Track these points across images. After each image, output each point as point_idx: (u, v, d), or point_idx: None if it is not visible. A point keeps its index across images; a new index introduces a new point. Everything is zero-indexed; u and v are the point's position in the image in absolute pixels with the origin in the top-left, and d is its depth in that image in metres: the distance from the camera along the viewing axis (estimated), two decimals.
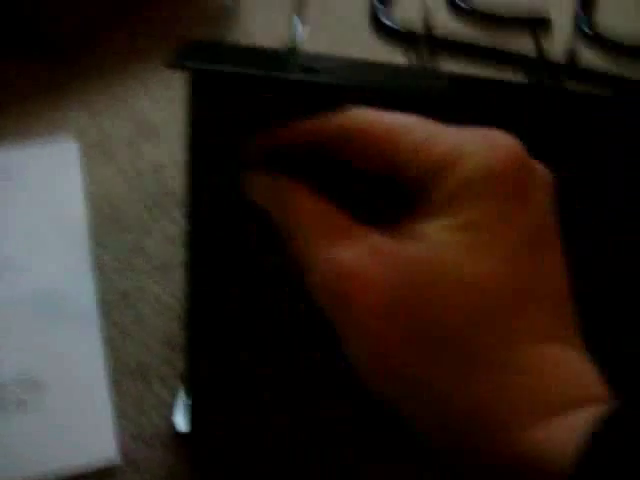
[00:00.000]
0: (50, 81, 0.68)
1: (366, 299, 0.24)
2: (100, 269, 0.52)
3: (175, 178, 0.60)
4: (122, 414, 0.44)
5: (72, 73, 0.69)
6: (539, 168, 0.26)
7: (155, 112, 0.67)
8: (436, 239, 0.24)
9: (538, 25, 0.65)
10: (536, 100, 0.35)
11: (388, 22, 0.71)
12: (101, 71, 0.71)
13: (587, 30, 0.64)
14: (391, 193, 0.27)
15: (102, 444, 0.43)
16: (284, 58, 0.37)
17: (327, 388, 0.41)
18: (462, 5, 0.68)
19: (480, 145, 0.24)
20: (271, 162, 0.30)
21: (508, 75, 0.64)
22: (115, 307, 0.50)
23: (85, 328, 0.48)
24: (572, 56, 0.59)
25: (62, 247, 0.52)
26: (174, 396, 0.45)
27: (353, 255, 0.25)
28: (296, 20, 0.53)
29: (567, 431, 0.21)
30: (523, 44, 0.66)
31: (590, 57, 0.65)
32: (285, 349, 0.41)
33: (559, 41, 0.64)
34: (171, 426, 0.44)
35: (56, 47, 0.71)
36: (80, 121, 0.64)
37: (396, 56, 0.69)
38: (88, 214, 0.55)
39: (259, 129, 0.31)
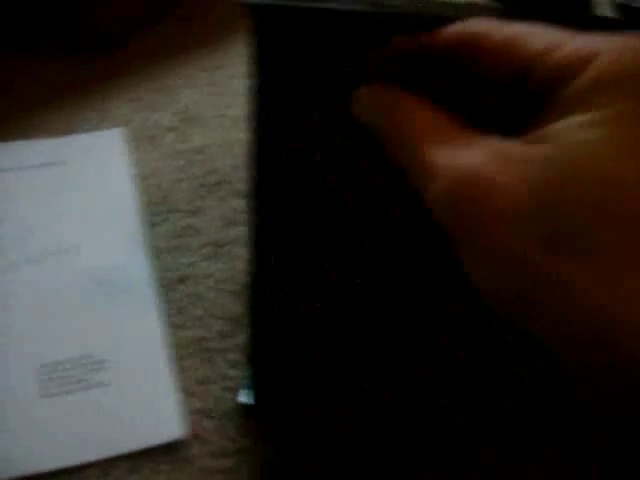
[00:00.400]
0: (95, 75, 0.69)
1: (497, 204, 0.22)
2: (153, 249, 0.52)
3: (220, 159, 0.60)
4: (185, 389, 0.44)
5: (116, 67, 0.70)
6: None
7: (197, 100, 0.67)
8: (570, 136, 0.21)
9: None
10: None
11: None
12: (144, 64, 0.71)
13: None
14: (514, 101, 0.25)
15: (167, 419, 0.43)
16: None
17: (387, 365, 0.41)
18: None
19: (616, 45, 0.22)
20: (383, 76, 0.28)
21: None
22: (171, 285, 0.50)
23: (143, 307, 0.48)
24: None
25: (116, 229, 0.53)
26: (236, 370, 0.45)
27: (477, 159, 0.23)
28: None
29: None
30: None
31: None
32: (348, 322, 0.40)
33: None
34: (234, 399, 0.44)
35: (100, 43, 0.72)
36: (125, 111, 0.65)
37: None
38: (138, 197, 0.56)
39: (324, 66, 0.30)
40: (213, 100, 0.68)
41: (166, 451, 0.42)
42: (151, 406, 0.43)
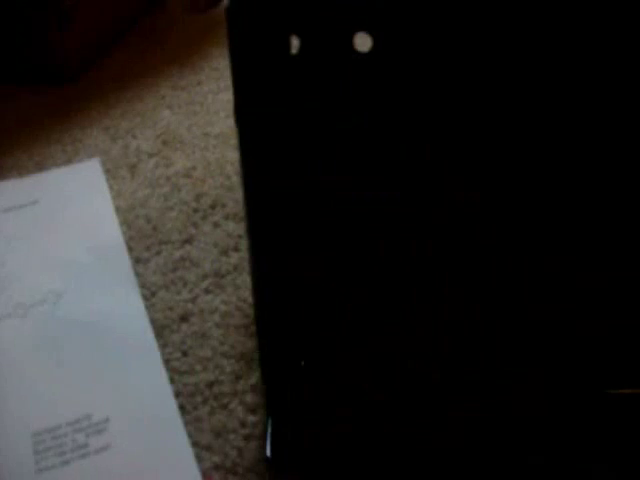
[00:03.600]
0: (66, 106, 0.65)
1: None
2: (146, 287, 0.47)
3: (210, 180, 0.55)
4: (200, 443, 0.39)
5: (85, 95, 0.66)
6: None
7: (177, 121, 0.63)
8: None
9: None
10: None
11: None
12: (114, 88, 0.67)
13: None
14: None
15: None
16: None
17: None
18: None
19: None
20: None
21: None
22: (171, 326, 0.44)
23: (143, 354, 0.42)
24: None
25: (103, 270, 0.48)
26: (256, 415, 0.40)
27: None
28: None
29: None
30: None
31: None
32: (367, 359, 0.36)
33: None
34: (257, 450, 0.39)
35: (67, 71, 0.67)
36: (101, 140, 0.60)
37: None
38: (124, 231, 0.51)
39: None
40: (194, 119, 0.63)
41: None
42: (164, 467, 0.38)
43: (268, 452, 0.37)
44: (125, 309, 0.45)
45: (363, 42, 0.30)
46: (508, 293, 0.35)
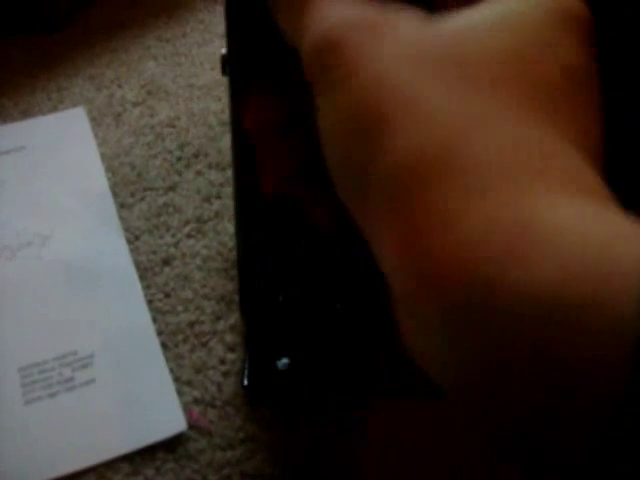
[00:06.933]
0: (51, 55, 0.65)
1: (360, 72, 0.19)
2: (130, 232, 0.48)
3: (193, 130, 0.56)
4: (181, 378, 0.41)
5: (71, 44, 0.66)
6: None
7: (162, 72, 0.63)
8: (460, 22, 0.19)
9: None
10: None
11: None
12: (102, 39, 0.67)
13: None
14: None
15: (165, 413, 0.39)
16: None
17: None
18: None
19: None
20: None
21: None
22: (154, 269, 0.46)
23: (127, 295, 0.44)
24: None
25: (88, 215, 0.49)
26: (235, 353, 0.42)
27: (356, 16, 0.19)
28: None
29: None
30: None
31: None
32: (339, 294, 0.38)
33: None
34: (236, 384, 0.41)
35: (53, 20, 0.67)
36: (87, 89, 0.61)
37: None
38: (109, 178, 0.52)
39: None
40: (178, 70, 0.63)
41: (169, 448, 0.38)
42: (146, 401, 0.40)
43: (245, 382, 0.39)
44: (110, 252, 0.46)
45: None
46: None
